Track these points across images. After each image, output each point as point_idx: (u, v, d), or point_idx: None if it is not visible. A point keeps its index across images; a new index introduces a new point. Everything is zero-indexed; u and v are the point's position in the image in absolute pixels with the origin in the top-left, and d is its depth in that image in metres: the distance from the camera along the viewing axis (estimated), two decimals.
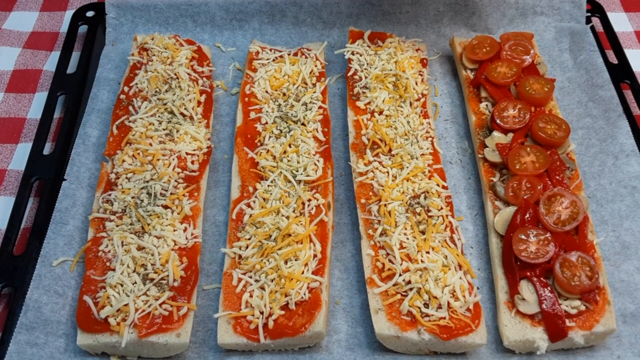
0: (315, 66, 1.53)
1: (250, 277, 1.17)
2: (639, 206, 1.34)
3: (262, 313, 1.13)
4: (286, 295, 1.14)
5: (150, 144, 1.34)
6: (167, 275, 1.16)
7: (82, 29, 1.71)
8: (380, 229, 1.22)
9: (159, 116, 1.39)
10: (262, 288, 1.15)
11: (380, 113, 1.41)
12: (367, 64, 1.51)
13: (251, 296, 1.15)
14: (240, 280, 1.17)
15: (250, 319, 1.13)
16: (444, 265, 1.17)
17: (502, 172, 1.34)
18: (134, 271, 1.16)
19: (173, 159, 1.32)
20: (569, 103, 1.55)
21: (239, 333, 1.12)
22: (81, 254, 1.24)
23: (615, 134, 1.45)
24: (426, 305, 1.13)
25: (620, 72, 1.59)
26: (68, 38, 1.67)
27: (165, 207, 1.26)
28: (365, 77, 1.48)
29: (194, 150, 1.35)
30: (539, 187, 1.26)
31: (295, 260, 1.18)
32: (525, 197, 1.26)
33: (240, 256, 1.21)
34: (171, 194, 1.27)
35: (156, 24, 1.68)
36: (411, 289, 1.14)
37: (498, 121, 1.39)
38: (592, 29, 1.67)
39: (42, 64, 1.67)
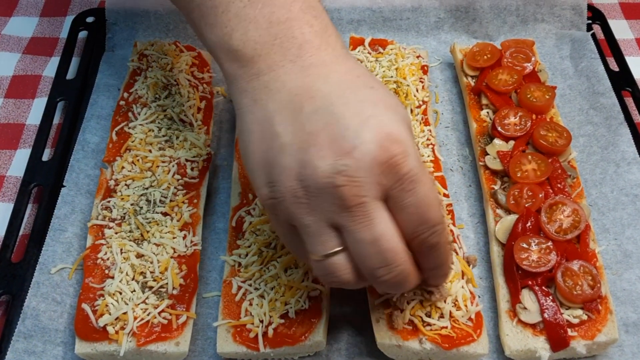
0: None
1: (250, 285, 1.16)
2: None
3: (261, 322, 1.12)
4: (286, 304, 1.13)
5: (150, 151, 1.34)
6: (166, 283, 1.15)
7: (82, 34, 1.70)
8: None
9: (158, 122, 1.39)
10: (262, 296, 1.15)
11: None
12: (368, 70, 1.50)
13: (251, 304, 1.14)
14: (239, 288, 1.16)
15: (250, 327, 1.12)
16: None
17: (503, 179, 1.34)
18: (132, 279, 1.15)
19: (173, 166, 1.32)
20: (570, 110, 1.54)
21: (239, 342, 1.11)
22: (80, 262, 1.23)
23: (616, 141, 1.44)
24: (427, 315, 1.12)
25: (621, 79, 1.58)
26: (68, 44, 1.66)
27: (165, 214, 1.25)
28: None
29: (194, 157, 1.34)
30: (540, 195, 1.26)
31: (295, 268, 1.17)
32: (526, 205, 1.25)
33: (240, 264, 1.20)
34: (170, 201, 1.27)
35: (156, 30, 1.67)
36: (413, 298, 1.13)
37: (499, 128, 1.38)
38: (593, 36, 1.67)
39: (41, 69, 1.66)
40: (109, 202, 1.27)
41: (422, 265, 0.98)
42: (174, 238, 1.22)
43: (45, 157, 1.43)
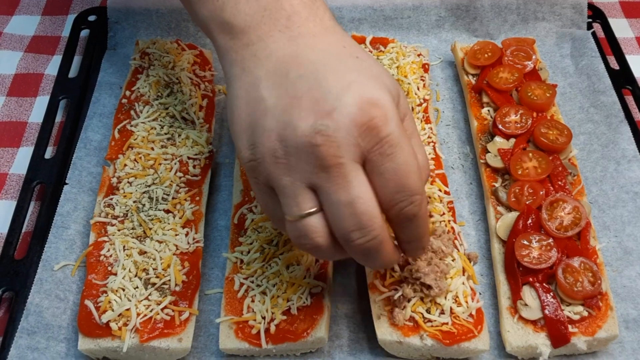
0: None
1: (252, 282, 1.17)
2: None
3: (264, 318, 1.12)
4: (288, 300, 1.13)
5: (152, 148, 1.34)
6: (169, 280, 1.16)
7: (84, 33, 1.71)
8: None
9: (160, 120, 1.39)
10: (264, 293, 1.15)
11: None
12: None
13: (253, 301, 1.15)
14: (242, 285, 1.17)
15: (252, 323, 1.13)
16: None
17: (504, 177, 1.34)
18: (135, 276, 1.16)
19: (175, 164, 1.32)
20: (570, 108, 1.55)
21: (241, 338, 1.12)
22: (82, 258, 1.24)
23: (617, 139, 1.45)
24: (428, 311, 1.12)
25: (621, 77, 1.59)
26: (70, 42, 1.67)
27: (167, 211, 1.25)
28: None
29: (196, 154, 1.35)
30: (541, 193, 1.26)
31: (297, 265, 1.18)
32: (527, 202, 1.26)
33: (242, 261, 1.21)
34: (173, 198, 1.27)
35: (158, 28, 1.68)
36: (413, 296, 1.14)
37: (500, 126, 1.39)
38: (594, 34, 1.68)
39: (43, 68, 1.67)
40: (111, 199, 1.27)
41: (399, 237, 0.99)
42: (176, 235, 1.22)
43: (48, 155, 1.44)
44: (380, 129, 0.88)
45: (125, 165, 1.32)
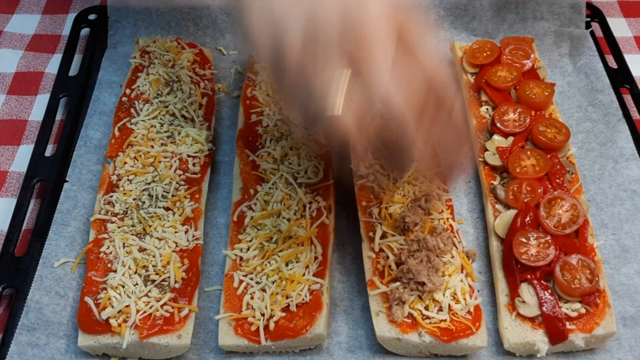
0: None
1: (252, 279, 1.17)
2: (638, 210, 1.35)
3: (263, 315, 1.13)
4: (287, 297, 1.14)
5: (152, 146, 1.35)
6: (169, 277, 1.16)
7: (84, 31, 1.71)
8: (380, 232, 1.22)
9: (160, 119, 1.40)
10: (263, 290, 1.16)
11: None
12: None
13: (252, 298, 1.15)
14: (241, 282, 1.18)
15: (251, 320, 1.13)
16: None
17: (503, 175, 1.35)
18: (135, 272, 1.17)
19: (174, 161, 1.33)
20: (568, 107, 1.56)
21: (240, 335, 1.13)
22: (82, 256, 1.24)
23: (615, 138, 1.45)
24: (426, 308, 1.13)
25: (619, 76, 1.59)
26: (70, 41, 1.67)
27: (167, 209, 1.26)
28: None
29: (196, 152, 1.36)
30: (539, 191, 1.27)
31: (296, 262, 1.18)
32: (525, 200, 1.26)
33: (241, 258, 1.21)
34: (172, 196, 1.28)
35: (158, 27, 1.68)
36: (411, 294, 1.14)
37: (498, 125, 1.39)
38: (592, 34, 1.68)
39: (44, 66, 1.67)
40: (111, 197, 1.28)
41: None
42: (176, 232, 1.23)
43: (48, 152, 1.44)
44: None
45: (125, 163, 1.32)
